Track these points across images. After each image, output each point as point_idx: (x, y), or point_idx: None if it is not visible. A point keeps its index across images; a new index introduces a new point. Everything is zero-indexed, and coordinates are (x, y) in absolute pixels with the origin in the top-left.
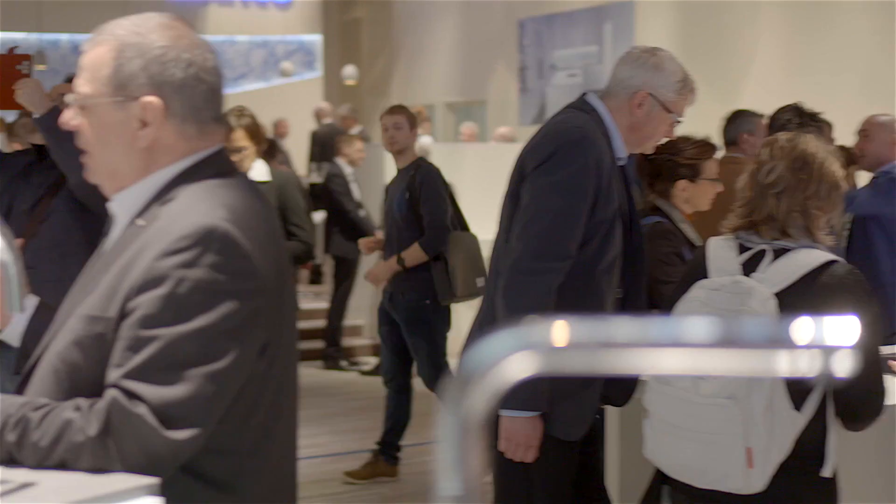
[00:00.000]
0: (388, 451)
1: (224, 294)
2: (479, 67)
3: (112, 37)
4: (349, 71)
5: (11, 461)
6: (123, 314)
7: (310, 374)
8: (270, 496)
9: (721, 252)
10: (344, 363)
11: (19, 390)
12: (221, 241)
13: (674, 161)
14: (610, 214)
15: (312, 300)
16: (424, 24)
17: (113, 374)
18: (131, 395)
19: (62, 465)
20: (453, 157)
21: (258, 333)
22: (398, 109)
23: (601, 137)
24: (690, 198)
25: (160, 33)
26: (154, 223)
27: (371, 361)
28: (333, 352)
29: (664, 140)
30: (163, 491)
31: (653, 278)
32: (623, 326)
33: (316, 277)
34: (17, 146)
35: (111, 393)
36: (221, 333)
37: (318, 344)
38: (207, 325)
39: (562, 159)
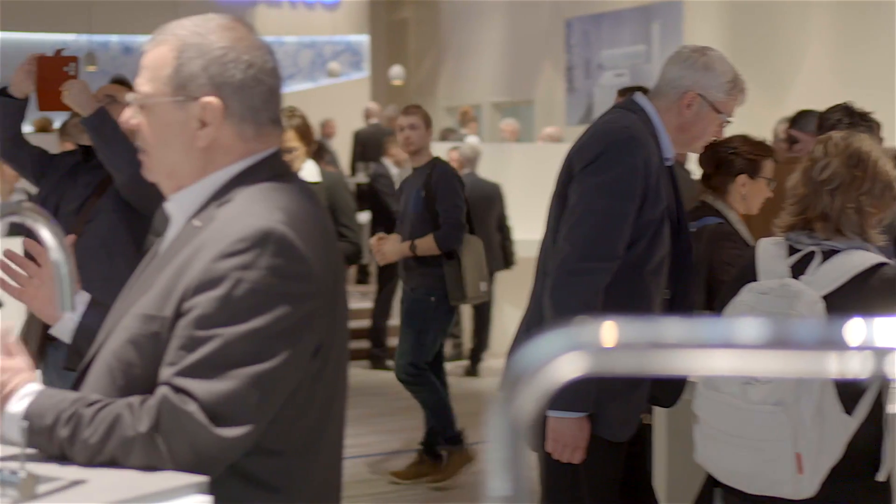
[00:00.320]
0: (434, 446)
1: (280, 296)
2: (526, 67)
3: (173, 37)
4: (396, 71)
5: (63, 457)
6: (179, 314)
7: (355, 373)
8: (316, 497)
9: (770, 254)
10: (389, 363)
11: (75, 387)
12: (278, 243)
13: (736, 154)
14: (658, 215)
15: (359, 300)
16: (471, 24)
17: (165, 372)
18: (182, 392)
19: (112, 462)
20: (500, 158)
21: (311, 335)
22: (413, 109)
23: (649, 137)
24: (748, 195)
25: (221, 34)
26: (210, 224)
27: None
28: (379, 352)
29: (713, 140)
30: (211, 491)
31: (718, 281)
32: (672, 327)
33: (362, 277)
34: (70, 146)
35: (162, 390)
36: (276, 335)
37: (363, 344)
38: (262, 327)
39: (609, 160)
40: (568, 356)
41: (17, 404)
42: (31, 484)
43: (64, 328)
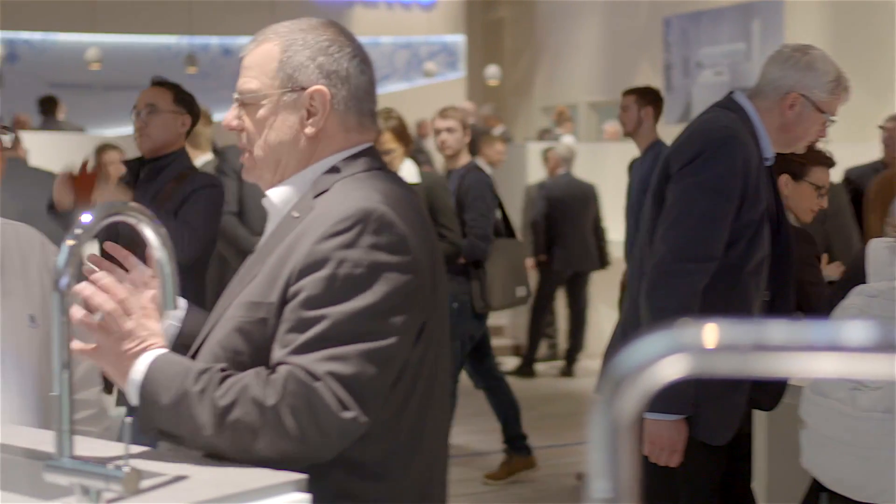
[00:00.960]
0: (515, 444)
1: (384, 273)
2: (623, 66)
3: (276, 34)
4: (492, 71)
5: (183, 414)
6: (285, 299)
7: None
8: (420, 485)
9: (880, 256)
10: None
11: None
12: (378, 221)
13: (782, 155)
14: (757, 216)
15: None
16: (568, 23)
17: (280, 352)
18: (306, 372)
19: (234, 428)
20: (596, 157)
21: (417, 313)
22: (450, 112)
23: (748, 137)
24: (790, 196)
25: (322, 29)
26: (309, 213)
27: (512, 362)
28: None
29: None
30: (314, 481)
31: (802, 281)
32: (776, 329)
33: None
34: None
35: (286, 367)
36: (383, 311)
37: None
38: (370, 304)
39: (708, 159)
40: (670, 358)
41: (144, 362)
42: (134, 479)
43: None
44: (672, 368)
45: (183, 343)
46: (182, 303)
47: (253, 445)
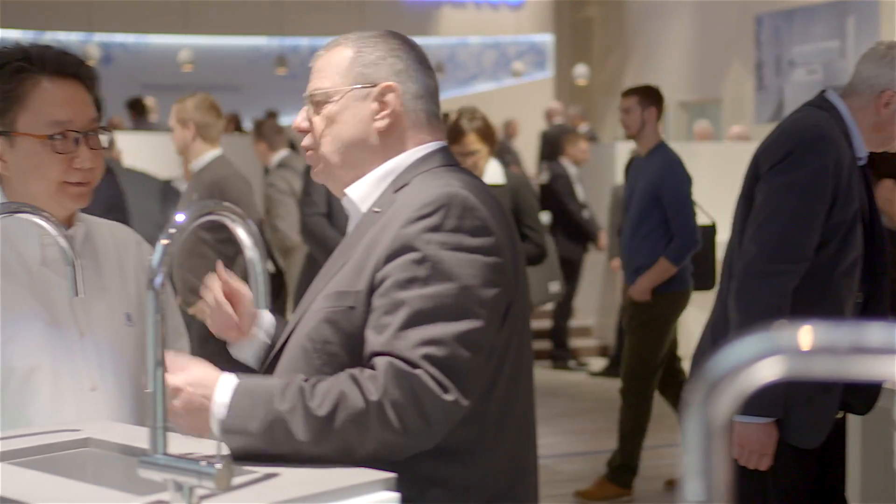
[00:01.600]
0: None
1: (468, 254)
2: (714, 65)
3: (346, 40)
4: (580, 70)
5: (278, 438)
6: (373, 286)
7: (537, 374)
8: (509, 470)
9: None
10: (572, 363)
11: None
12: (462, 204)
13: (883, 158)
14: (849, 216)
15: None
16: (657, 22)
17: (376, 342)
18: (405, 360)
19: (342, 435)
20: (686, 157)
21: (501, 294)
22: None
23: (840, 136)
24: (892, 200)
25: (390, 36)
26: (391, 207)
27: (599, 363)
28: (560, 352)
29: None
30: (406, 468)
31: None
32: (873, 331)
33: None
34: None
35: (384, 359)
36: (471, 292)
37: (545, 344)
38: (457, 285)
39: (799, 159)
40: (766, 360)
41: (221, 399)
42: (226, 475)
43: (246, 351)
44: (768, 371)
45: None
46: (268, 316)
47: (359, 445)
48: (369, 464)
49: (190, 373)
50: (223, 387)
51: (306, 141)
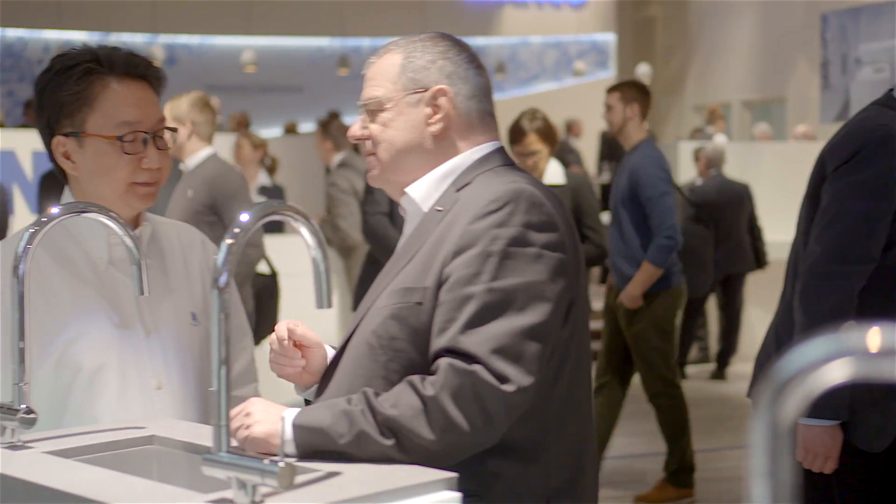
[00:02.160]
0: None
1: (535, 250)
2: (779, 64)
3: (396, 46)
4: (643, 70)
5: (351, 439)
6: (441, 282)
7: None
8: (570, 466)
9: None
10: None
11: (322, 386)
12: (529, 201)
13: None
14: None
15: (602, 300)
16: (721, 21)
17: (440, 341)
18: (464, 355)
19: (401, 434)
20: (749, 157)
21: (566, 290)
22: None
23: None
24: None
25: (439, 38)
26: (455, 205)
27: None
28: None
29: None
30: (469, 465)
31: None
32: None
33: (606, 277)
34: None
35: (444, 360)
36: (537, 286)
37: None
38: (525, 280)
39: (865, 159)
40: (834, 362)
41: (288, 423)
42: (289, 474)
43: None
44: (836, 373)
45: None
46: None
47: (424, 446)
48: (435, 463)
49: (247, 407)
50: (288, 426)
51: (366, 148)
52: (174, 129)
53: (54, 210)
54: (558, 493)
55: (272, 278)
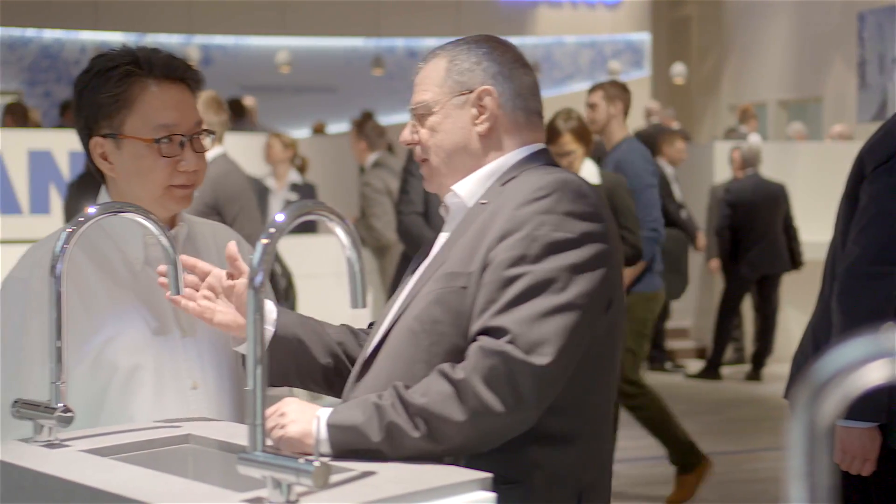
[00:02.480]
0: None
1: (579, 237)
2: (815, 63)
3: (441, 50)
4: (678, 69)
5: (387, 431)
6: (485, 266)
7: None
8: (600, 461)
9: None
10: (668, 365)
11: (362, 371)
12: (575, 189)
13: None
14: None
15: None
16: (757, 20)
17: (477, 323)
18: (495, 332)
19: (432, 421)
20: (785, 157)
21: (607, 283)
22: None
23: None
24: None
25: (483, 40)
26: (499, 197)
27: (696, 365)
28: (657, 354)
29: None
30: (510, 453)
31: None
32: None
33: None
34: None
35: (474, 342)
36: (579, 272)
37: None
38: (567, 264)
39: None
40: (873, 363)
41: (322, 421)
42: (324, 473)
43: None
44: (874, 374)
45: (285, 346)
46: (271, 306)
47: (455, 431)
48: (468, 451)
49: (281, 408)
50: (322, 426)
51: (419, 153)
52: (211, 132)
53: (91, 210)
54: (588, 487)
55: (286, 279)
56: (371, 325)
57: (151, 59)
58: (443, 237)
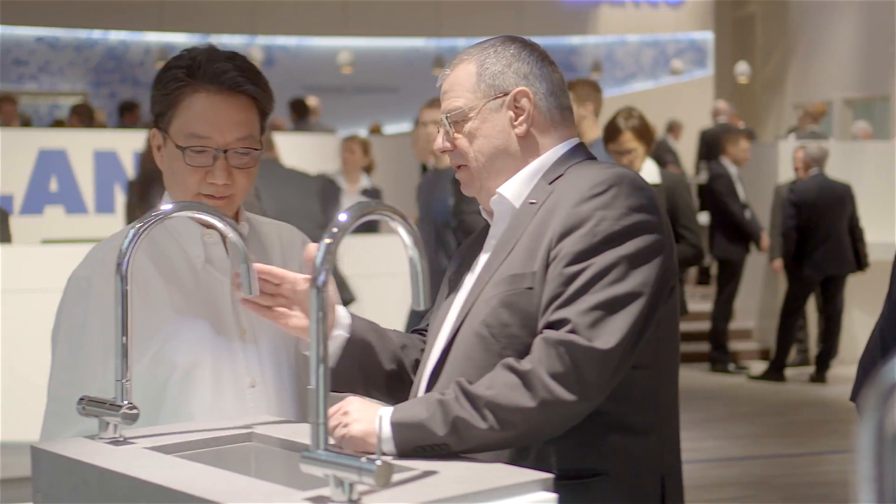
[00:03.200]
0: None
1: (640, 229)
2: (882, 61)
3: (467, 55)
4: (742, 68)
5: (453, 425)
6: (548, 264)
7: (695, 376)
8: (674, 450)
9: None
10: (731, 367)
11: (432, 379)
12: (632, 183)
13: None
14: None
15: (699, 302)
16: (822, 18)
17: (542, 320)
18: (558, 324)
19: (500, 412)
20: (851, 156)
21: (668, 270)
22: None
23: None
24: None
25: (509, 42)
26: (550, 196)
27: (759, 366)
28: (719, 355)
29: None
30: (592, 439)
31: None
32: None
33: (703, 279)
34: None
35: (539, 336)
36: (639, 260)
37: (704, 346)
38: (627, 254)
39: None
40: None
41: (386, 421)
42: (386, 472)
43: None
44: None
45: (356, 351)
46: (344, 311)
47: (523, 418)
48: (534, 439)
49: (344, 407)
50: (385, 424)
51: (454, 159)
52: (256, 149)
53: (166, 206)
54: (669, 472)
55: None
56: (420, 330)
57: (205, 67)
58: (492, 239)
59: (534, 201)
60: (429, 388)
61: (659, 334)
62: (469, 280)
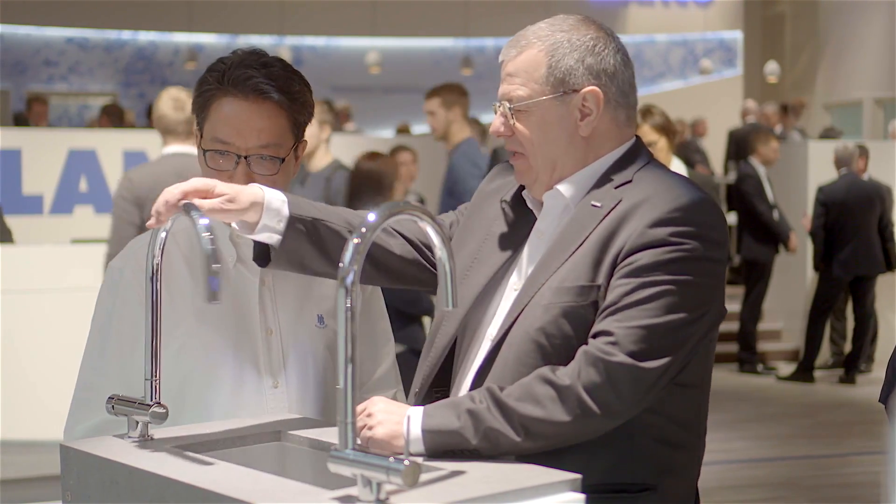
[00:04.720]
0: None
1: (709, 260)
2: None
3: (538, 39)
4: (771, 67)
5: (482, 430)
6: (611, 277)
7: (724, 377)
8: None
9: None
10: (760, 367)
11: (477, 379)
12: (710, 213)
13: None
14: None
15: (728, 302)
16: (852, 17)
17: (598, 323)
18: (602, 335)
19: (534, 426)
20: (883, 156)
21: (714, 289)
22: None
23: None
24: None
25: (583, 27)
26: (619, 203)
27: (788, 367)
28: (747, 355)
29: None
30: (637, 430)
31: None
32: None
33: (732, 279)
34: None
35: (582, 346)
36: (700, 289)
37: (732, 347)
38: (690, 282)
39: None
40: None
41: (415, 423)
42: (414, 472)
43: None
44: None
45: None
46: (279, 194)
47: (556, 432)
48: (570, 444)
49: (371, 407)
50: (413, 427)
51: (510, 145)
52: (279, 158)
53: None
54: (696, 484)
55: None
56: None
57: (231, 73)
58: (540, 233)
59: (598, 204)
60: (473, 385)
61: (707, 354)
62: (512, 269)
